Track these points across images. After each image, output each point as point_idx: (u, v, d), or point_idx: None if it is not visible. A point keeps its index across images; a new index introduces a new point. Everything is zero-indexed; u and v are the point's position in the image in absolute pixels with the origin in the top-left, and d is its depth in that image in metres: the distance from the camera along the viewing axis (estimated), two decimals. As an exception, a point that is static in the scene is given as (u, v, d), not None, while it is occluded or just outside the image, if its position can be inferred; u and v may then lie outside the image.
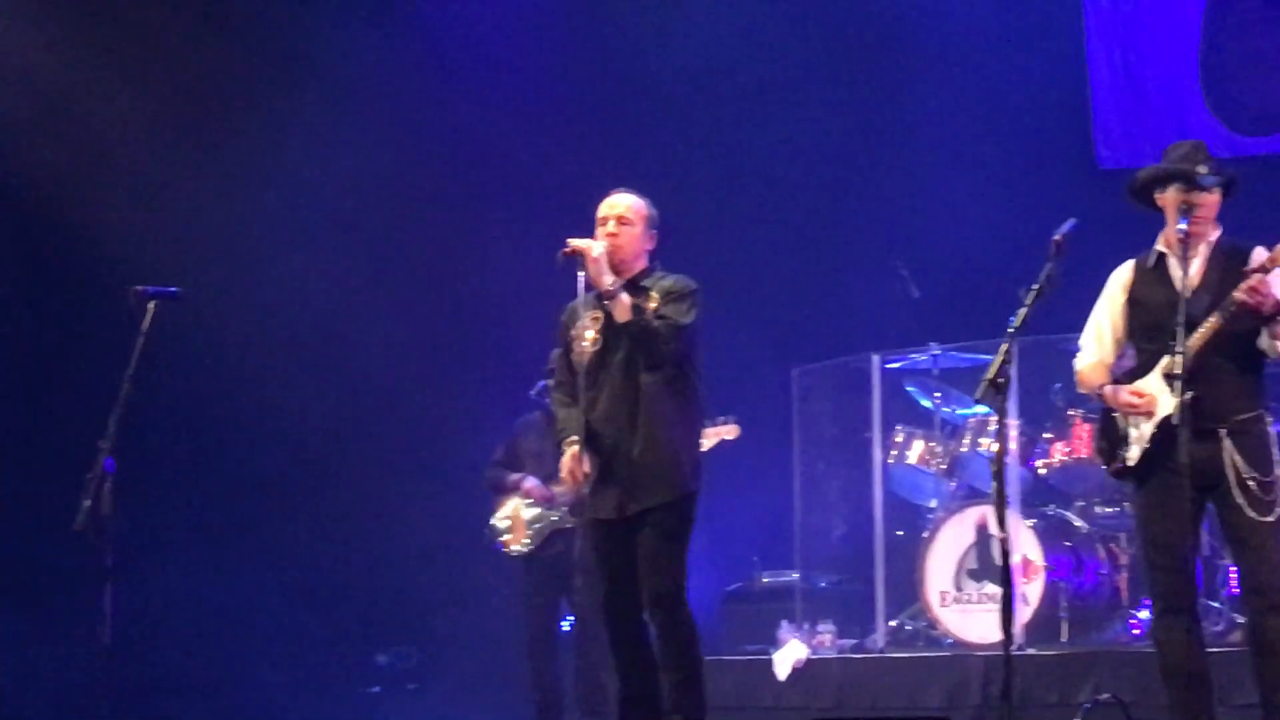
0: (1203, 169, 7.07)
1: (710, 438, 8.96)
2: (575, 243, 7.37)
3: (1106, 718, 8.37)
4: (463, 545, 10.96)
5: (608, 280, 7.34)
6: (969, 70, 12.26)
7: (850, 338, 11.27)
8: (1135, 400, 7.10)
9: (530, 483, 10.17)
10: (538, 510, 10.15)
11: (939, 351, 10.59)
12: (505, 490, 10.28)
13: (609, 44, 12.79)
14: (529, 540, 10.15)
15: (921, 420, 10.82)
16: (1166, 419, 6.88)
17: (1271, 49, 11.67)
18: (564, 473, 7.52)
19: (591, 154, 12.14)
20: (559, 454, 7.57)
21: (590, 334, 7.49)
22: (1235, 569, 7.93)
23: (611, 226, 7.54)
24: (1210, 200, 7.10)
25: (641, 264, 7.61)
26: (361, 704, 12.35)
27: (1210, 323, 6.88)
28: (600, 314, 7.46)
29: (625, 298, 7.34)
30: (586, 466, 7.41)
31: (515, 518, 10.21)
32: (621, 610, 7.48)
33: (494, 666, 11.50)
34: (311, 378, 12.53)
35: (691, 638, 7.44)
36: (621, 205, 7.59)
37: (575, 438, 7.41)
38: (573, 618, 10.13)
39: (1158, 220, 7.23)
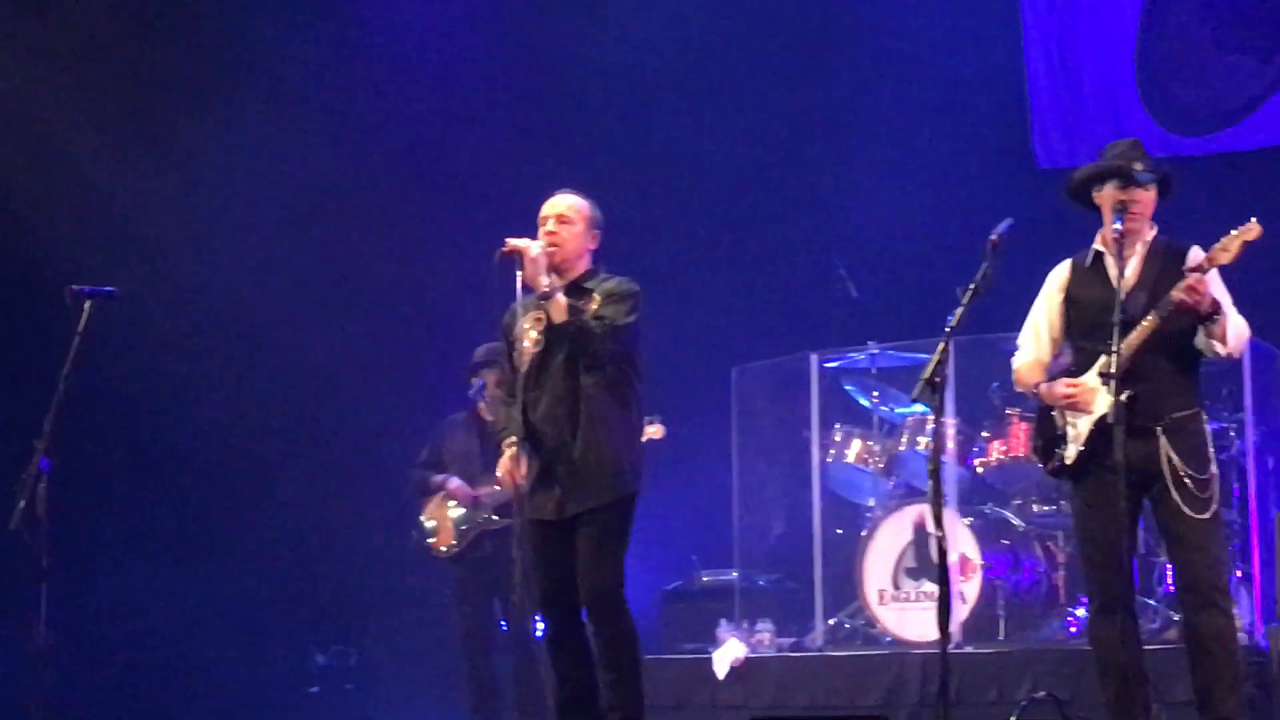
0: (1139, 165, 7.12)
1: (639, 438, 8.94)
2: (513, 242, 7.33)
3: (1043, 715, 8.38)
4: (401, 546, 10.91)
5: (544, 280, 7.30)
6: (907, 70, 12.32)
7: (789, 337, 11.28)
8: (1070, 391, 7.13)
9: (454, 484, 10.08)
10: (464, 511, 10.07)
11: (877, 350, 10.59)
12: (430, 492, 10.20)
13: (549, 44, 12.78)
14: (456, 542, 10.09)
15: (860, 419, 10.83)
16: (1103, 418, 6.92)
17: (1207, 50, 11.73)
18: (502, 472, 7.49)
19: (531, 154, 12.12)
20: (487, 454, 7.53)
21: (532, 334, 7.47)
22: (1171, 566, 7.96)
23: (551, 225, 7.50)
24: (1146, 198, 7.15)
25: (584, 265, 7.57)
26: (300, 704, 12.30)
27: (1147, 322, 6.92)
28: (542, 315, 7.41)
29: (561, 298, 7.31)
30: (524, 467, 7.40)
31: (442, 519, 10.14)
32: (560, 610, 7.46)
33: (431, 667, 11.46)
34: (249, 380, 12.49)
35: (630, 637, 7.41)
36: (562, 205, 7.55)
37: (514, 438, 7.39)
38: (506, 619, 10.08)
39: (1095, 219, 7.27)
